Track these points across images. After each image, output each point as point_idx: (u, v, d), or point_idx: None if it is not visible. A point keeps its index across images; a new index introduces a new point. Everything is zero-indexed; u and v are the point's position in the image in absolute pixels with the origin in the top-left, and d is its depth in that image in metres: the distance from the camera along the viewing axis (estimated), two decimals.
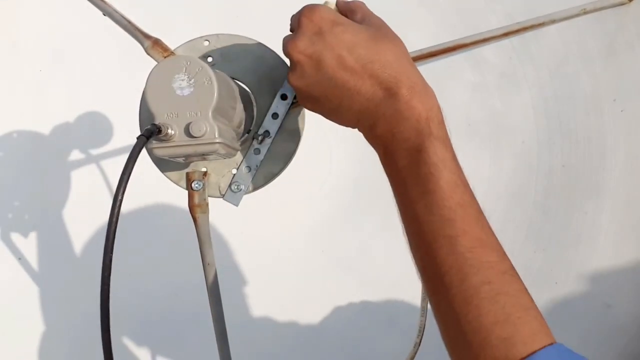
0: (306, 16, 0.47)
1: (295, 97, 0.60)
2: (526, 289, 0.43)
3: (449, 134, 0.46)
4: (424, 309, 0.62)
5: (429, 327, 0.64)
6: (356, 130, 0.52)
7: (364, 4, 0.51)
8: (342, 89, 0.46)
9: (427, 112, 0.45)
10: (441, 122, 0.46)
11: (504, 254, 0.44)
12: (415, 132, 0.45)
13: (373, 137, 0.48)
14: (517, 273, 0.44)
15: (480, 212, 0.44)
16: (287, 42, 0.47)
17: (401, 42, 0.48)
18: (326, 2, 0.51)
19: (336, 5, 0.51)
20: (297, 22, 0.48)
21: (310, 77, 0.47)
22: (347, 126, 0.51)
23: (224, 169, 0.60)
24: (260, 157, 0.60)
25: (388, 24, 0.52)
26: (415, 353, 0.65)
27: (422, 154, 0.44)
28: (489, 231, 0.44)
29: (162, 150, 0.49)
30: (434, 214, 0.43)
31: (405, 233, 0.47)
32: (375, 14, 0.50)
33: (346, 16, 0.49)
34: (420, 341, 0.64)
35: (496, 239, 0.44)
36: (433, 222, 0.43)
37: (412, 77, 0.46)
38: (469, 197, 0.44)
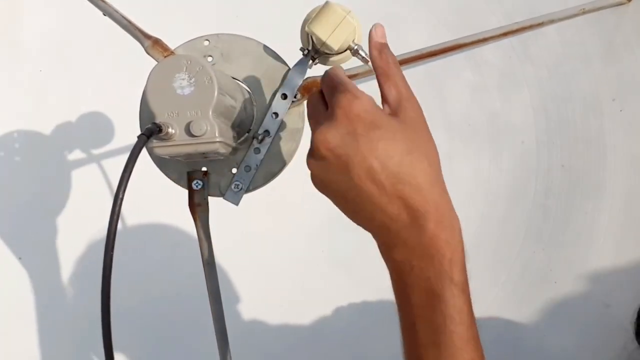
0: (343, 109, 0.42)
1: (295, 97, 0.61)
2: None
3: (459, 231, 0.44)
4: None
5: None
6: None
7: (399, 69, 0.47)
8: (366, 200, 0.43)
9: (452, 253, 0.42)
10: (463, 266, 0.44)
11: None
12: (436, 273, 0.42)
13: (389, 259, 0.46)
14: None
15: None
16: (317, 131, 0.43)
17: (436, 154, 0.45)
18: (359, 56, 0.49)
19: (370, 59, 0.48)
20: (332, 106, 0.43)
21: (333, 175, 0.43)
22: (357, 224, 0.47)
23: (224, 168, 0.61)
24: (261, 156, 0.61)
25: (388, 23, 0.52)
26: None
27: (440, 302, 0.42)
28: None
29: (162, 150, 0.49)
30: None
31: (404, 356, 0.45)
32: (411, 90, 0.46)
33: (380, 82, 0.46)
34: None
35: None
36: None
37: (441, 208, 0.42)
38: (479, 355, 0.42)
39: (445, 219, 0.42)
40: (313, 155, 0.44)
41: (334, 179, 0.43)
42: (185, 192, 0.60)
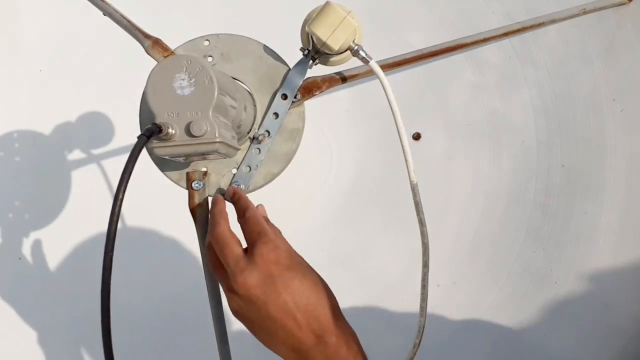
0: (262, 253, 0.50)
1: (295, 97, 0.61)
2: None
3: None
4: (423, 309, 0.63)
5: (429, 327, 0.65)
6: (356, 130, 0.54)
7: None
8: (280, 328, 0.51)
9: (354, 357, 0.52)
10: None
11: None
12: None
13: None
14: None
15: None
16: (237, 274, 0.50)
17: (327, 286, 0.55)
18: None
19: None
20: (254, 253, 0.51)
21: (253, 310, 0.51)
22: (270, 348, 0.55)
23: (224, 168, 0.61)
24: (261, 156, 0.61)
25: (388, 24, 0.52)
26: (415, 353, 0.65)
27: None
28: None
29: (162, 150, 0.49)
30: None
31: None
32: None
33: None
34: (420, 341, 0.64)
35: None
36: None
37: (341, 324, 0.53)
38: None
39: (344, 333, 0.52)
40: (234, 293, 0.51)
41: (253, 312, 0.51)
42: (186, 192, 0.60)
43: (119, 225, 0.44)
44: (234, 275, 0.50)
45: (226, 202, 0.58)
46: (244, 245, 0.54)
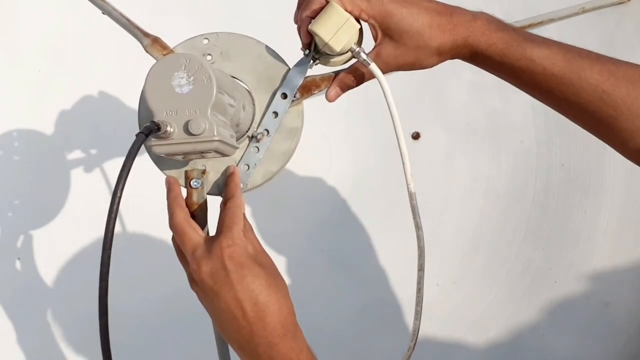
0: (221, 246, 0.51)
1: (295, 96, 0.60)
2: None
3: None
4: (418, 312, 0.63)
5: (428, 327, 0.65)
6: (356, 130, 0.54)
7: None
8: (228, 322, 0.51)
9: (297, 356, 0.52)
10: None
11: None
12: None
13: None
14: None
15: None
16: (192, 261, 0.51)
17: (285, 286, 0.55)
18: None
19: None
20: (214, 243, 0.51)
21: (205, 300, 0.53)
22: (227, 341, 0.56)
23: (223, 167, 0.61)
24: (260, 155, 0.61)
25: None
26: (409, 356, 0.64)
27: None
28: None
29: (161, 148, 0.49)
30: None
31: None
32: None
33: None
34: (415, 345, 0.64)
35: None
36: None
37: (286, 324, 0.52)
38: None
39: (289, 332, 0.52)
40: (193, 280, 0.53)
41: (207, 302, 0.52)
42: (184, 190, 0.60)
43: (117, 223, 0.44)
44: (191, 262, 0.52)
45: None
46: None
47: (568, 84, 0.52)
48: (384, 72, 0.56)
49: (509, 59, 0.53)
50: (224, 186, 0.59)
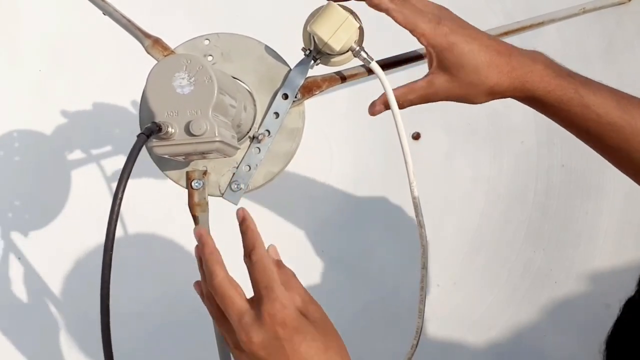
0: (270, 313, 0.47)
1: (296, 97, 0.60)
2: None
3: None
4: (421, 311, 0.63)
5: (428, 327, 0.65)
6: (357, 131, 0.53)
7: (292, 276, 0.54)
8: None
9: None
10: None
11: None
12: None
13: None
14: None
15: None
16: (241, 331, 0.48)
17: (343, 345, 0.53)
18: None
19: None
20: (261, 309, 0.48)
21: None
22: None
23: (224, 167, 0.61)
24: (261, 156, 0.61)
25: (388, 24, 0.52)
26: (412, 354, 0.65)
27: None
28: None
29: (162, 149, 0.49)
30: None
31: None
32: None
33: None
34: (418, 343, 0.64)
35: None
36: None
37: None
38: None
39: None
40: (240, 350, 0.49)
41: None
42: (185, 191, 0.60)
43: (119, 224, 0.44)
44: (239, 331, 0.48)
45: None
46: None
47: (619, 131, 0.53)
48: (432, 100, 0.57)
49: (566, 106, 0.54)
50: (241, 234, 0.54)
